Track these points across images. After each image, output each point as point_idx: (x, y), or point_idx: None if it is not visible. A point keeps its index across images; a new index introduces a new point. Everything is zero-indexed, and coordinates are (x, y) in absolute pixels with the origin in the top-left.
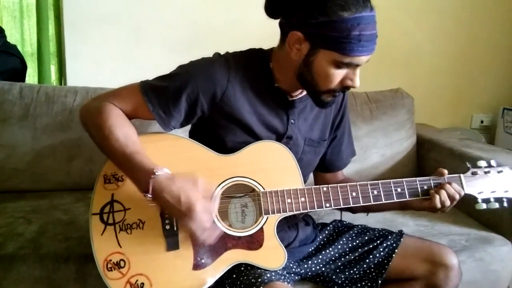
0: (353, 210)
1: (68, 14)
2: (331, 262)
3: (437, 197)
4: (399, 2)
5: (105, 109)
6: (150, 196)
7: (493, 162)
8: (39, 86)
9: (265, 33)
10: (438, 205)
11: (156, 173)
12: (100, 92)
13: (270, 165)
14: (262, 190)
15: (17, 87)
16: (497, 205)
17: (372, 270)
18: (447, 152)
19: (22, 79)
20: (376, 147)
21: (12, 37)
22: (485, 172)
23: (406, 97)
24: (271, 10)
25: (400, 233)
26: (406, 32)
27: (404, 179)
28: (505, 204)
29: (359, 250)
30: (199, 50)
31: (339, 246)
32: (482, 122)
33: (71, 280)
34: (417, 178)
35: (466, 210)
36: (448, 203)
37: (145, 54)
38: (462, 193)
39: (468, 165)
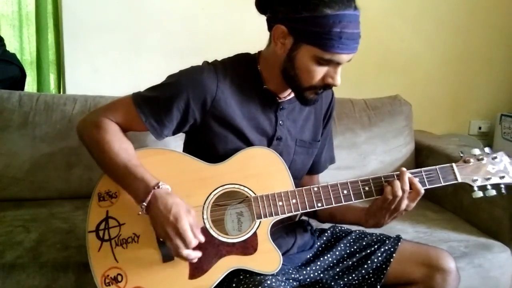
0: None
1: (67, 23)
2: (329, 268)
3: (389, 188)
4: (397, 10)
5: (102, 124)
6: (145, 204)
7: (487, 149)
8: (38, 95)
9: (263, 41)
10: (389, 196)
11: (160, 186)
12: (99, 100)
13: (260, 170)
14: (253, 195)
15: (16, 95)
16: (494, 192)
17: (371, 275)
18: (445, 159)
19: (21, 87)
20: (375, 153)
21: (11, 46)
22: (478, 159)
23: (404, 104)
24: (260, 5)
25: (398, 238)
26: (404, 39)
27: (394, 173)
28: (503, 191)
29: (357, 255)
30: (198, 58)
31: (337, 252)
32: (480, 128)
33: None
34: (409, 171)
35: (465, 216)
36: (399, 193)
37: (144, 62)
38: (420, 190)
39: (461, 154)
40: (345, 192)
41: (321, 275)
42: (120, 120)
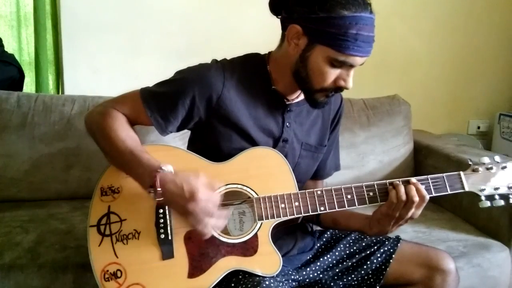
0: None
1: (66, 23)
2: (328, 269)
3: (394, 192)
4: (396, 9)
5: (109, 114)
6: (153, 190)
7: (497, 158)
8: (37, 95)
9: (262, 41)
10: (394, 200)
11: (163, 168)
12: (97, 100)
13: (263, 171)
14: (255, 196)
15: (15, 96)
16: (502, 202)
17: (370, 276)
18: (444, 158)
19: (20, 88)
20: (374, 153)
21: (9, 46)
22: (487, 168)
23: (403, 104)
24: (275, 5)
25: (397, 239)
26: (403, 39)
27: (400, 179)
28: None
29: (357, 256)
30: (197, 58)
31: (337, 253)
32: (478, 128)
33: None
34: (415, 178)
35: (464, 216)
36: (403, 198)
37: (142, 62)
38: (425, 196)
39: (470, 162)
40: (348, 196)
41: (321, 275)
42: (127, 113)
